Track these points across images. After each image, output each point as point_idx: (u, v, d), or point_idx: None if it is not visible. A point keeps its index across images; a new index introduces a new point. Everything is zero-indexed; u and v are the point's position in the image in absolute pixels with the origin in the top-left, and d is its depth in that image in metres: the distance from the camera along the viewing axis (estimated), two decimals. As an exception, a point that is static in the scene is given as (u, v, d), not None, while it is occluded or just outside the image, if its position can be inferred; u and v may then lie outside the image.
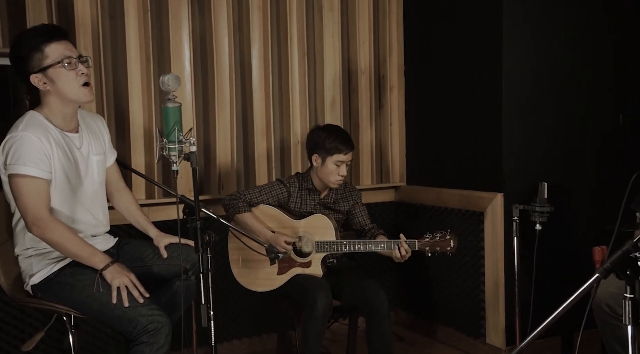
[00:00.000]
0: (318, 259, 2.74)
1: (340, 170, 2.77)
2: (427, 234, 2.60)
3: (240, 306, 3.23)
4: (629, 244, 1.52)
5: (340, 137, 2.78)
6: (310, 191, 2.86)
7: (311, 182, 2.86)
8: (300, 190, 2.85)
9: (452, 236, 2.57)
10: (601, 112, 3.17)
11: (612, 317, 2.32)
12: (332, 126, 2.94)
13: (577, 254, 2.86)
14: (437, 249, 2.57)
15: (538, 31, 3.01)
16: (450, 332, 3.37)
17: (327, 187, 2.88)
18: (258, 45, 3.24)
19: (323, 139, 2.77)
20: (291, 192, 2.84)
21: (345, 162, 2.77)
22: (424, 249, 2.58)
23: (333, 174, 2.77)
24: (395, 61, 3.62)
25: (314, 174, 2.85)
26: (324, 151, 2.76)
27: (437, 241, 2.57)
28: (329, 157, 2.76)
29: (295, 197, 2.85)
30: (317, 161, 2.80)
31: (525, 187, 2.89)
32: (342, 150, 2.75)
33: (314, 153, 2.80)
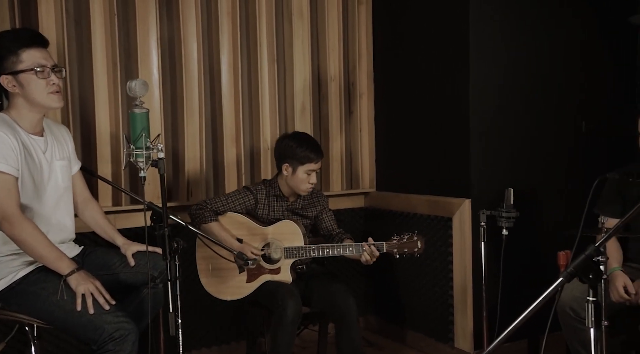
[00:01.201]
0: (287, 265, 2.74)
1: (311, 178, 2.78)
2: (395, 236, 2.62)
3: (209, 313, 3.20)
4: (591, 249, 1.55)
5: (310, 147, 2.79)
6: (278, 198, 2.85)
7: (279, 189, 2.85)
8: (268, 197, 2.85)
9: (419, 238, 2.60)
10: (565, 120, 3.24)
11: (576, 320, 2.37)
12: (300, 134, 2.94)
13: (543, 259, 2.91)
14: (405, 250, 2.60)
15: (505, 40, 3.07)
16: (419, 337, 3.40)
17: (294, 194, 2.87)
18: (227, 51, 3.23)
19: (294, 149, 2.77)
20: (258, 199, 2.83)
21: (315, 171, 2.78)
22: (392, 251, 2.61)
23: (304, 182, 2.77)
24: (364, 68, 3.65)
25: (281, 181, 2.85)
26: (295, 160, 2.76)
27: (405, 242, 2.60)
28: (300, 167, 2.76)
29: (263, 204, 2.84)
30: (287, 170, 2.79)
31: (492, 193, 2.93)
32: (313, 159, 2.76)
33: (284, 162, 2.80)
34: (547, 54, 3.17)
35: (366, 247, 2.60)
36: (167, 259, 2.00)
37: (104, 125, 2.93)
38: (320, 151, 2.82)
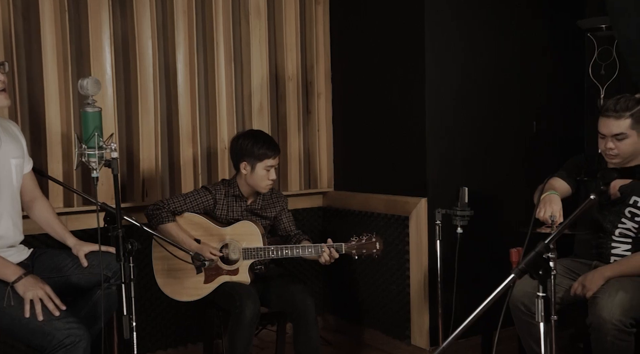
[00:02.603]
0: (245, 266, 2.72)
1: (270, 174, 2.76)
2: (354, 238, 2.64)
3: (165, 315, 3.15)
4: (540, 246, 1.60)
5: (267, 143, 2.78)
6: (237, 198, 2.83)
7: (238, 189, 2.83)
8: (227, 197, 2.82)
9: (377, 239, 2.63)
10: (517, 121, 3.33)
11: (528, 315, 2.43)
12: (255, 131, 2.92)
13: (496, 256, 2.97)
14: (364, 251, 2.62)
15: (460, 42, 3.13)
16: (376, 334, 3.43)
17: (254, 194, 2.86)
18: (183, 49, 3.18)
19: (250, 146, 2.75)
20: (217, 199, 2.81)
21: (274, 166, 2.77)
22: (351, 252, 2.62)
23: (263, 179, 2.76)
24: (322, 68, 3.66)
25: (240, 181, 2.83)
26: (252, 158, 2.75)
27: (364, 243, 2.62)
28: (259, 164, 2.74)
29: (222, 204, 2.81)
30: (246, 169, 2.77)
31: (448, 192, 2.98)
32: (271, 155, 2.75)
33: (242, 161, 2.78)
34: (500, 57, 3.25)
35: (325, 249, 2.61)
36: (121, 261, 1.95)
37: (54, 124, 2.85)
38: (277, 147, 2.81)
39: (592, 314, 2.33)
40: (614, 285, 2.36)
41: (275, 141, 2.85)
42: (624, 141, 2.43)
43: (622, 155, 2.45)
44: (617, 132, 2.42)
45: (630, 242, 2.52)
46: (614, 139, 2.43)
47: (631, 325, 2.26)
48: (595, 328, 2.31)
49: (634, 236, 2.51)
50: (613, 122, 2.43)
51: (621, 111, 2.41)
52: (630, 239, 2.52)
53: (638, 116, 2.41)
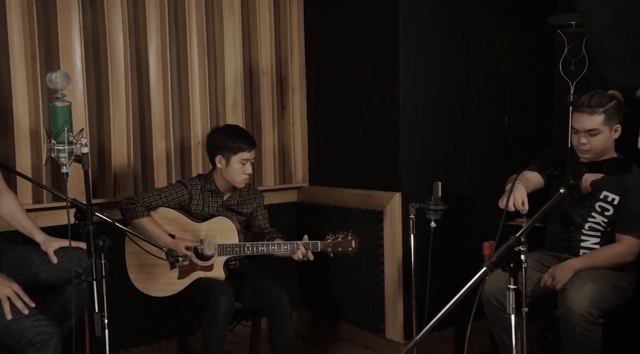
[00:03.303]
0: (220, 262, 2.71)
1: (246, 168, 2.75)
2: (330, 236, 2.65)
3: (138, 312, 3.12)
4: (512, 239, 1.62)
5: (242, 136, 2.77)
6: (213, 193, 2.81)
7: (214, 184, 2.81)
8: (203, 192, 2.80)
9: (353, 237, 2.64)
10: (490, 116, 3.37)
11: (500, 309, 2.47)
12: (231, 125, 2.92)
13: (470, 249, 3.01)
14: (339, 249, 2.63)
15: (433, 38, 3.15)
16: (351, 329, 3.45)
17: (230, 189, 2.84)
18: (155, 43, 3.14)
19: (225, 140, 2.74)
20: (193, 194, 2.78)
21: (249, 160, 2.76)
22: (327, 250, 2.63)
23: (239, 173, 2.74)
24: (296, 63, 3.65)
25: (217, 176, 2.81)
26: (227, 151, 2.73)
27: (339, 242, 2.63)
28: (234, 157, 2.72)
29: (197, 200, 2.79)
30: (221, 162, 2.75)
31: (422, 186, 3.00)
32: (246, 148, 2.74)
33: (217, 154, 2.76)
34: (473, 54, 3.28)
35: (301, 247, 2.61)
36: (92, 258, 1.93)
37: (22, 119, 2.79)
38: (253, 141, 2.80)
39: (562, 306, 2.38)
40: (583, 277, 2.41)
41: (251, 135, 2.84)
42: (597, 136, 2.47)
43: (594, 151, 2.50)
44: (590, 127, 2.46)
45: (599, 235, 2.58)
46: (587, 135, 2.47)
47: (599, 316, 2.32)
48: (564, 320, 2.36)
49: (602, 230, 2.57)
50: (587, 118, 2.47)
51: (595, 107, 2.45)
52: (599, 233, 2.58)
53: (611, 112, 2.46)
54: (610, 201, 2.52)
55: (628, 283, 2.50)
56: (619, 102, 2.48)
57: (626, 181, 2.45)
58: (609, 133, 2.48)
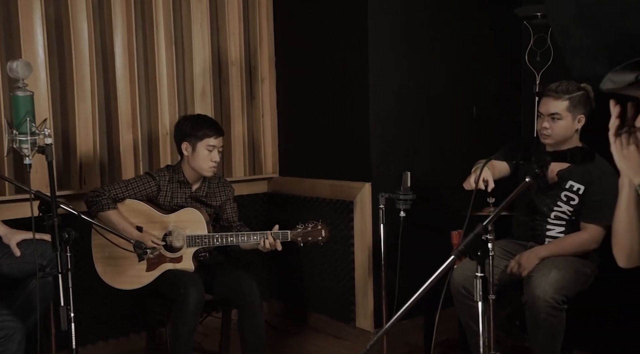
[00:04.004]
0: (189, 253, 2.68)
1: (213, 155, 2.72)
2: (300, 225, 2.65)
3: (105, 305, 3.08)
4: (479, 228, 1.64)
5: (208, 123, 2.75)
6: (182, 184, 2.78)
7: (182, 175, 2.78)
8: (171, 183, 2.77)
9: (323, 226, 2.64)
10: (458, 107, 3.40)
11: (468, 298, 2.50)
12: (197, 114, 2.91)
13: (439, 238, 3.04)
14: (309, 239, 2.63)
15: (402, 30, 3.16)
16: (322, 318, 3.46)
17: (199, 180, 2.81)
18: (121, 32, 3.08)
19: (191, 127, 2.71)
20: (161, 185, 2.75)
21: (217, 148, 2.73)
22: (297, 239, 2.63)
23: (206, 160, 2.71)
24: (265, 52, 3.62)
25: (185, 166, 2.78)
26: (193, 137, 2.70)
27: (309, 231, 2.63)
28: (200, 143, 2.70)
29: (166, 191, 2.75)
30: (187, 150, 2.72)
31: (391, 176, 3.02)
32: (212, 134, 2.71)
33: (183, 142, 2.73)
34: (442, 45, 3.31)
35: (270, 238, 2.61)
36: (57, 251, 1.89)
37: (-17, 108, 2.71)
38: (220, 128, 2.78)
39: (527, 293, 2.43)
40: (548, 264, 2.46)
41: (218, 123, 2.82)
42: (558, 122, 2.53)
43: (554, 136, 2.55)
44: (553, 111, 2.52)
45: (565, 224, 2.63)
46: (549, 119, 2.54)
47: (562, 302, 2.37)
48: (529, 306, 2.41)
49: (568, 219, 2.62)
50: (551, 102, 2.53)
51: (561, 93, 2.52)
52: (564, 221, 2.63)
53: (576, 100, 2.52)
54: (575, 190, 2.58)
55: (591, 270, 2.56)
56: (587, 94, 2.54)
57: (590, 172, 2.50)
58: (571, 121, 2.53)
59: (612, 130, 1.48)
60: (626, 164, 1.43)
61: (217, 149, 2.73)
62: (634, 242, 1.55)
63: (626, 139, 1.43)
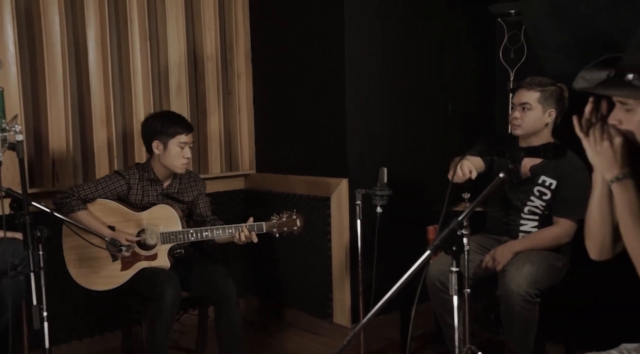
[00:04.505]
0: (164, 250, 2.66)
1: (185, 152, 2.70)
2: (274, 216, 2.64)
3: (79, 304, 3.04)
4: (454, 223, 1.65)
5: (178, 120, 2.72)
6: (152, 182, 2.75)
7: (153, 172, 2.75)
8: (141, 181, 2.73)
9: (298, 216, 2.63)
10: (434, 102, 3.42)
11: (443, 292, 2.53)
12: (165, 111, 2.89)
13: (415, 234, 3.07)
14: (285, 229, 2.62)
15: (378, 26, 3.17)
16: (299, 314, 3.46)
17: (169, 176, 2.79)
18: (94, 27, 3.03)
19: (161, 125, 2.68)
20: (131, 184, 2.71)
21: (188, 144, 2.71)
22: (272, 230, 2.62)
23: (178, 157, 2.69)
24: (242, 47, 3.60)
25: (155, 163, 2.75)
26: (164, 135, 2.67)
27: (284, 221, 2.62)
28: (171, 140, 2.67)
29: (136, 189, 2.72)
30: (158, 148, 2.70)
31: (368, 172, 3.03)
32: (183, 131, 2.69)
33: (153, 140, 2.70)
34: (418, 41, 3.32)
35: (245, 231, 2.59)
36: (29, 249, 1.86)
37: (-49, 104, 2.64)
38: (189, 124, 2.75)
39: (502, 287, 2.46)
40: (522, 259, 2.50)
41: (187, 119, 2.79)
42: (529, 112, 2.58)
43: (524, 127, 2.60)
44: (524, 101, 2.59)
45: (538, 219, 2.67)
46: (520, 109, 2.60)
47: (536, 295, 2.41)
48: (504, 300, 2.44)
49: (541, 214, 2.66)
50: (524, 92, 2.60)
51: (534, 85, 2.59)
52: (537, 216, 2.67)
53: (547, 93, 2.57)
54: (548, 185, 2.62)
55: (563, 263, 2.61)
56: (560, 90, 2.59)
57: (562, 167, 2.55)
58: (542, 113, 2.59)
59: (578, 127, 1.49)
60: (599, 160, 1.45)
61: (188, 145, 2.71)
62: (606, 236, 1.57)
63: (600, 135, 1.45)
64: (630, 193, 1.41)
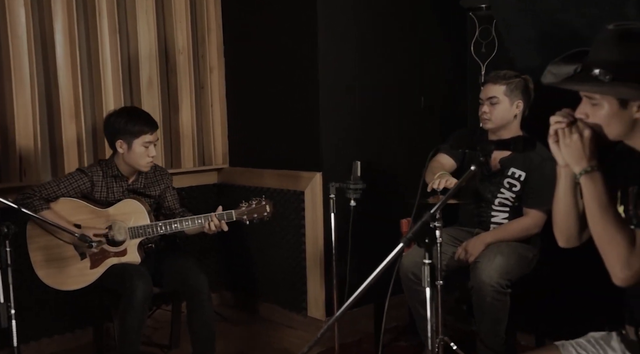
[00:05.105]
0: (134, 245, 2.62)
1: (150, 151, 2.66)
2: (243, 203, 2.63)
3: (49, 301, 2.98)
4: (427, 216, 1.66)
5: (142, 118, 2.67)
6: (117, 178, 2.70)
7: (116, 169, 2.70)
8: (105, 178, 2.68)
9: (267, 202, 2.63)
10: (407, 97, 3.44)
11: (416, 283, 2.55)
12: (128, 108, 2.82)
13: (388, 227, 3.09)
14: (255, 216, 2.61)
15: (351, 21, 3.16)
16: (274, 308, 3.46)
17: (135, 172, 2.74)
18: (62, 19, 2.97)
19: (125, 123, 2.62)
20: (94, 181, 2.66)
21: (152, 143, 2.67)
22: (242, 218, 2.61)
23: (143, 157, 2.65)
24: (214, 41, 3.56)
25: (118, 160, 2.70)
26: (128, 134, 2.62)
27: (254, 208, 2.61)
28: (136, 140, 2.63)
29: (100, 186, 2.67)
30: (122, 147, 2.64)
31: (342, 166, 3.04)
32: (148, 130, 2.64)
33: (117, 139, 2.64)
34: (391, 36, 3.33)
35: (215, 220, 2.57)
36: (-4, 246, 1.82)
37: None
38: (155, 122, 2.70)
39: (473, 278, 2.50)
40: (493, 250, 2.54)
41: (151, 116, 2.73)
42: (497, 106, 2.63)
43: (493, 120, 2.65)
44: (491, 95, 2.64)
45: (508, 210, 2.71)
46: (488, 103, 2.65)
47: (507, 286, 2.45)
48: (476, 291, 2.48)
49: (511, 205, 2.70)
50: (490, 87, 2.66)
51: (499, 79, 2.65)
52: (508, 208, 2.71)
53: (513, 86, 2.63)
54: (517, 177, 2.66)
55: (533, 254, 2.65)
56: (525, 82, 2.65)
57: (531, 158, 2.59)
58: (509, 105, 2.64)
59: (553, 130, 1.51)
60: (568, 153, 1.47)
61: (153, 143, 2.66)
62: (572, 226, 1.61)
63: (569, 128, 1.47)
64: (598, 185, 1.44)
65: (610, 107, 1.44)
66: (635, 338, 1.52)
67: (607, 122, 1.45)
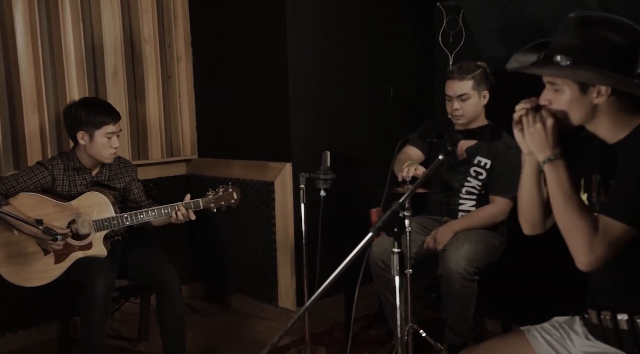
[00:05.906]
0: (99, 238, 2.58)
1: (112, 142, 2.60)
2: (210, 191, 2.61)
3: (12, 296, 2.91)
4: (395, 205, 1.67)
5: (104, 109, 2.61)
6: (79, 171, 2.65)
7: (78, 161, 2.64)
8: (67, 171, 2.62)
9: (234, 189, 2.61)
10: (376, 87, 3.45)
11: (386, 271, 2.58)
12: (89, 98, 2.76)
13: (359, 216, 3.10)
14: (222, 203, 2.59)
15: (320, 12, 3.15)
16: (244, 299, 3.45)
17: (98, 164, 2.69)
18: (22, 7, 2.89)
19: (86, 114, 2.56)
20: (55, 174, 2.60)
21: (115, 133, 2.61)
22: (209, 206, 2.59)
23: (105, 148, 2.59)
24: (181, 31, 3.51)
25: (80, 152, 2.64)
26: (90, 125, 2.56)
27: (221, 195, 2.59)
28: (98, 131, 2.57)
29: (62, 180, 2.61)
30: (84, 138, 2.58)
31: (312, 156, 3.04)
32: (110, 121, 2.58)
33: (78, 131, 2.58)
34: (359, 26, 3.33)
35: (182, 209, 2.55)
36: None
37: None
38: (117, 112, 2.64)
39: (442, 266, 2.53)
40: (461, 238, 2.58)
41: (113, 107, 2.67)
42: (467, 101, 2.66)
43: (466, 116, 2.68)
44: (461, 92, 2.65)
45: (475, 198, 2.76)
46: (459, 100, 2.66)
47: (474, 273, 2.49)
48: (444, 279, 2.51)
49: (478, 193, 2.74)
50: (457, 84, 2.65)
51: (464, 73, 2.64)
52: (475, 196, 2.75)
53: (478, 78, 2.66)
54: (483, 165, 2.70)
55: (500, 242, 2.70)
56: (485, 71, 2.69)
57: (496, 146, 2.63)
58: (478, 98, 2.67)
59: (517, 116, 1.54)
60: (532, 142, 1.50)
61: (116, 134, 2.61)
62: (536, 213, 1.64)
63: (532, 117, 1.50)
64: (561, 173, 1.46)
65: (571, 92, 1.47)
66: (597, 321, 1.56)
67: (569, 107, 1.48)
